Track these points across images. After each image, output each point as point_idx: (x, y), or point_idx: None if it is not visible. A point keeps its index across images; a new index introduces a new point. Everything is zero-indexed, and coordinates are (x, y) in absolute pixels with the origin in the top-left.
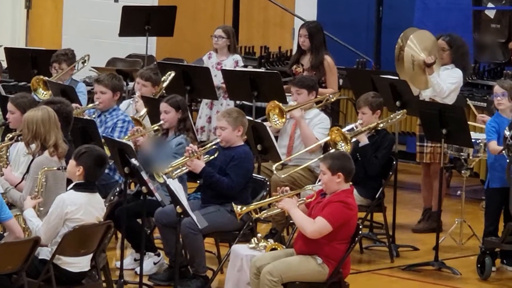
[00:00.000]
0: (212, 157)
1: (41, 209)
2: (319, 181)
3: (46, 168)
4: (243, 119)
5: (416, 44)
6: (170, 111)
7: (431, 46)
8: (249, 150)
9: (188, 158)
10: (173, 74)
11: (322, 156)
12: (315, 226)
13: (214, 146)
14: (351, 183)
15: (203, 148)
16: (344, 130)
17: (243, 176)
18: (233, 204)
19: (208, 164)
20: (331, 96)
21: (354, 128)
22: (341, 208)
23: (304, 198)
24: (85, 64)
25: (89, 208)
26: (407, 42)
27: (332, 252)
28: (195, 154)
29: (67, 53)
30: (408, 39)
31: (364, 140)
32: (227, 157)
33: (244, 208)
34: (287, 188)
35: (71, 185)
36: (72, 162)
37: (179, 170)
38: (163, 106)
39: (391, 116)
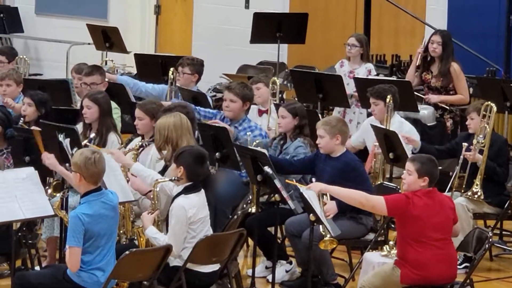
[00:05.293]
0: None
1: (161, 219)
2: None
3: (158, 180)
4: (342, 127)
5: None
6: (287, 116)
7: None
8: (352, 154)
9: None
10: None
11: (411, 156)
12: (370, 196)
13: None
14: None
15: None
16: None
17: (367, 180)
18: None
19: (319, 177)
20: None
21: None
22: (401, 196)
23: None
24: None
25: (202, 204)
26: None
27: (407, 253)
28: None
29: (194, 59)
30: None
31: (479, 159)
32: (334, 168)
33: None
34: None
35: (180, 190)
36: (172, 165)
37: None
38: (281, 110)
39: None
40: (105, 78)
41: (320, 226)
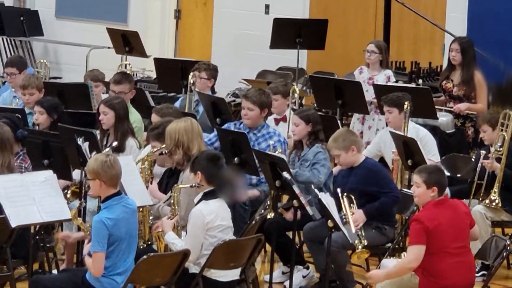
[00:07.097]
0: None
1: (181, 223)
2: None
3: (179, 186)
4: (351, 137)
5: None
6: (300, 123)
7: None
8: (372, 159)
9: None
10: None
11: (417, 168)
12: (404, 259)
13: None
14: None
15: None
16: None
17: (392, 182)
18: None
19: (343, 186)
20: None
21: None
22: (414, 226)
23: None
24: None
25: (223, 212)
26: None
27: (425, 261)
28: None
29: (209, 64)
30: None
31: (496, 167)
32: (358, 176)
33: None
34: None
35: (200, 196)
36: (190, 174)
37: None
38: (294, 118)
39: None
40: (133, 86)
41: (356, 240)
